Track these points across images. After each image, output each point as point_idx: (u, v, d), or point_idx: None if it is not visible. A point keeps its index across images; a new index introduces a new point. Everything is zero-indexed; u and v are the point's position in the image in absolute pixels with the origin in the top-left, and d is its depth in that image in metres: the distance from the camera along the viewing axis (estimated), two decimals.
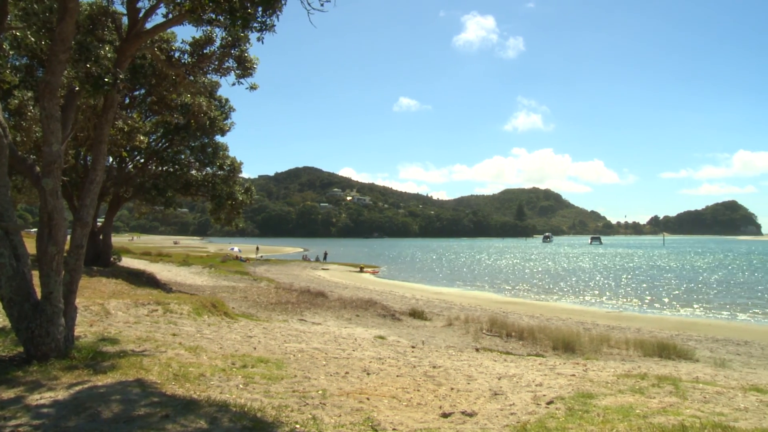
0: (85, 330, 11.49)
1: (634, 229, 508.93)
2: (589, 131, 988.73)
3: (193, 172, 32.26)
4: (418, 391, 8.65)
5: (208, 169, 32.44)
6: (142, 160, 32.01)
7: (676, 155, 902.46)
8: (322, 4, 9.36)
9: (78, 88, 10.37)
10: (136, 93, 27.02)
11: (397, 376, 9.69)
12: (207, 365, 9.04)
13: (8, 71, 14.73)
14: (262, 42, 10.16)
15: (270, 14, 9.59)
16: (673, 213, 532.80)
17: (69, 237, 9.53)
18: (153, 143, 30.89)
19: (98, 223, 33.66)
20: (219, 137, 32.32)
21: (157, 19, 10.65)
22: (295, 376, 8.94)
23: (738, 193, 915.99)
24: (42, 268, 8.70)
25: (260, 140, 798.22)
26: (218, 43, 12.64)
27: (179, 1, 9.99)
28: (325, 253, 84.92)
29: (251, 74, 12.90)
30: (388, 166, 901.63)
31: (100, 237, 31.77)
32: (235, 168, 32.69)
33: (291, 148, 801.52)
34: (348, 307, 24.35)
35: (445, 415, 7.32)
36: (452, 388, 8.93)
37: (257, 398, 7.27)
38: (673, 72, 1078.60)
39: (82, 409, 6.23)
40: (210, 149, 31.92)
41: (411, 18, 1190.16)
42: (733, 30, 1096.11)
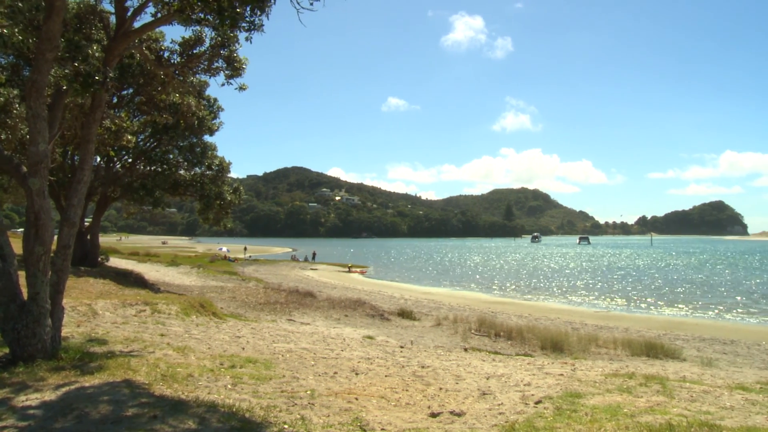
0: (73, 330, 11.43)
1: (622, 229, 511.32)
2: (577, 131, 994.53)
3: (182, 171, 32.14)
4: (407, 391, 8.66)
5: (197, 168, 32.33)
6: (130, 160, 31.86)
7: (664, 155, 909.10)
8: (311, 3, 9.36)
9: (66, 87, 10.30)
10: (124, 92, 26.89)
11: (386, 376, 9.69)
12: (195, 366, 9.01)
13: None
14: (251, 41, 10.16)
15: (259, 14, 9.58)
16: (660, 213, 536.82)
17: (56, 237, 9.48)
18: (141, 143, 30.75)
19: (86, 223, 33.47)
20: (207, 137, 32.24)
21: (146, 18, 10.60)
22: (284, 377, 8.93)
23: (725, 193, 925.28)
24: (28, 268, 8.64)
25: (249, 140, 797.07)
26: (208, 44, 12.61)
27: (168, 0, 9.95)
28: (314, 253, 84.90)
29: (240, 75, 12.88)
30: (376, 166, 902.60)
31: (88, 237, 31.59)
32: (224, 168, 32.61)
33: (280, 148, 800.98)
34: (337, 307, 24.34)
35: (434, 415, 7.33)
36: (441, 388, 8.94)
37: (246, 398, 7.25)
38: (660, 72, 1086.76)
39: (70, 410, 6.19)
40: (198, 149, 31.82)
41: (399, 18, 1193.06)
42: (720, 31, 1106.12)
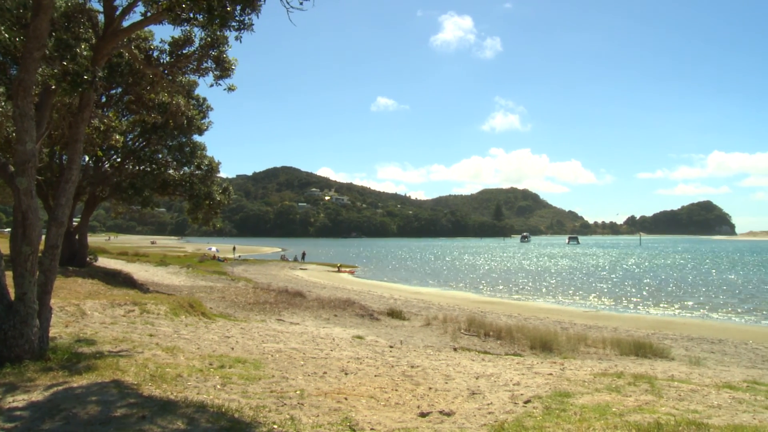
0: (61, 331, 11.38)
1: (611, 229, 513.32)
2: (566, 132, 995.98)
3: (171, 171, 31.95)
4: (396, 390, 8.67)
5: (186, 168, 32.15)
6: (119, 160, 31.65)
7: (653, 156, 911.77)
8: (301, 3, 9.35)
9: (54, 86, 10.24)
10: (113, 92, 26.72)
11: (375, 376, 9.70)
12: (184, 366, 8.99)
13: None
14: (241, 41, 10.15)
15: (249, 13, 9.56)
16: (649, 213, 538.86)
17: (44, 237, 9.42)
18: (130, 142, 30.57)
19: (74, 223, 33.25)
20: (197, 136, 32.05)
21: (135, 17, 10.55)
22: (273, 377, 8.92)
23: (713, 193, 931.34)
24: (16, 268, 8.59)
25: (238, 140, 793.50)
26: (197, 44, 12.56)
27: None
28: (303, 253, 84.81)
29: (230, 75, 12.83)
30: (366, 165, 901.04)
31: (76, 237, 31.39)
32: (213, 167, 32.48)
33: (269, 148, 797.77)
34: (326, 307, 24.32)
35: (423, 415, 7.34)
36: (430, 388, 8.96)
37: (235, 399, 7.24)
38: (649, 73, 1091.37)
39: (58, 411, 6.16)
40: (188, 148, 31.65)
41: (388, 18, 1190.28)
42: (709, 31, 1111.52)
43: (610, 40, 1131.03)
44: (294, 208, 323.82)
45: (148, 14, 10.31)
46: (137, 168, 31.60)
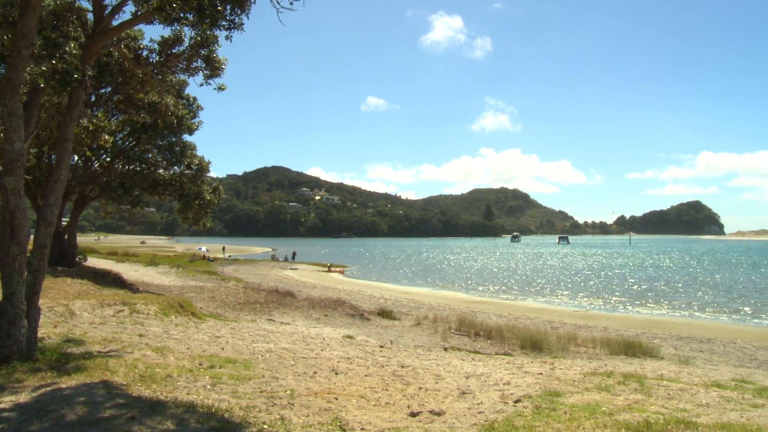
0: (49, 331, 11.31)
1: (601, 228, 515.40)
2: (556, 132, 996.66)
3: (161, 171, 31.82)
4: (387, 390, 8.67)
5: (176, 168, 32.03)
6: (109, 159, 31.50)
7: (642, 156, 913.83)
8: (291, 3, 9.34)
9: (42, 85, 10.18)
10: (102, 91, 26.62)
11: (366, 376, 9.70)
12: (174, 366, 8.96)
13: None
14: (231, 40, 10.12)
15: (239, 13, 9.54)
16: (639, 213, 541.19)
17: (32, 237, 9.37)
18: (119, 142, 30.42)
19: (63, 223, 33.08)
20: (187, 136, 31.91)
21: (125, 16, 10.51)
22: (263, 377, 8.90)
23: (701, 193, 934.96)
24: (4, 268, 8.53)
25: (228, 139, 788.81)
26: (187, 43, 12.52)
27: None
28: (294, 253, 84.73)
29: (220, 75, 12.79)
30: (356, 165, 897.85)
31: (65, 237, 31.23)
32: (203, 167, 32.37)
33: (259, 148, 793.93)
34: (316, 307, 24.30)
35: (414, 415, 7.34)
36: (420, 388, 8.96)
37: (225, 399, 7.22)
38: (638, 73, 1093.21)
39: (46, 412, 6.12)
40: (177, 148, 31.53)
41: (378, 17, 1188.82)
42: (697, 32, 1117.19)
43: (600, 40, 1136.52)
44: (284, 207, 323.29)
45: (138, 13, 10.28)
46: (127, 167, 31.45)
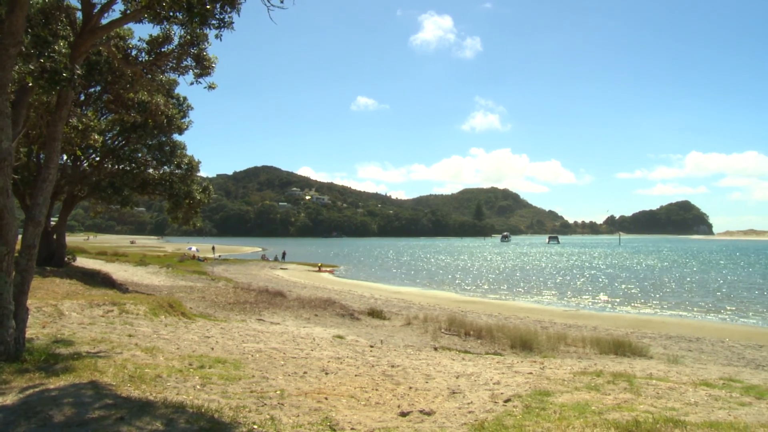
0: (38, 332, 11.23)
1: (591, 228, 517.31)
2: (545, 132, 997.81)
3: (150, 170, 31.76)
4: (377, 390, 8.67)
5: (166, 167, 31.96)
6: (98, 159, 31.38)
7: (631, 156, 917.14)
8: (281, 1, 9.33)
9: (31, 84, 10.12)
10: (91, 90, 26.49)
11: (356, 376, 9.70)
12: (163, 366, 8.92)
13: None
14: (221, 39, 10.10)
15: (229, 11, 9.52)
16: (628, 212, 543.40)
17: (20, 236, 9.31)
18: (109, 141, 30.31)
19: (52, 222, 32.92)
20: (177, 135, 31.85)
21: (114, 14, 10.46)
22: (253, 377, 8.88)
23: (690, 193, 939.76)
24: None
25: (218, 139, 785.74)
26: (176, 42, 12.47)
27: None
28: (284, 253, 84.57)
29: (210, 73, 12.74)
30: (346, 165, 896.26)
31: (54, 236, 31.09)
32: (193, 167, 32.30)
33: (249, 147, 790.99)
34: (307, 307, 24.27)
35: (404, 414, 7.35)
36: (411, 387, 8.97)
37: (214, 399, 7.20)
38: (628, 73, 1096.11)
39: (33, 413, 6.08)
40: (167, 148, 31.46)
41: (368, 17, 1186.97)
42: (687, 32, 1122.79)
43: (590, 40, 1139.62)
44: (274, 207, 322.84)
45: (127, 12, 10.24)
46: (116, 167, 31.36)
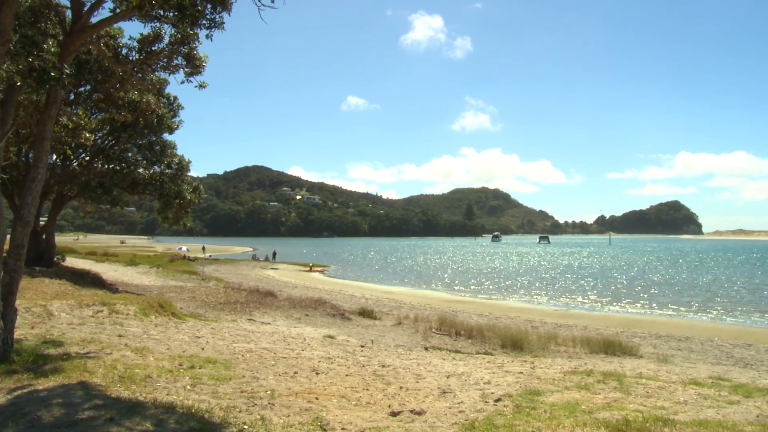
0: (26, 332, 11.18)
1: (582, 228, 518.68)
2: (536, 132, 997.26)
3: (141, 170, 31.64)
4: (367, 390, 8.68)
5: (156, 167, 31.84)
6: (88, 158, 31.24)
7: (621, 156, 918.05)
8: (272, 1, 9.32)
9: (19, 83, 10.06)
10: (81, 89, 26.37)
11: (347, 376, 9.70)
12: (154, 366, 8.90)
13: None
14: (211, 39, 10.08)
15: (220, 11, 9.50)
16: (618, 212, 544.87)
17: (9, 236, 9.26)
18: (99, 141, 30.17)
19: (41, 222, 32.75)
20: (167, 135, 31.75)
21: (104, 13, 10.42)
22: (244, 377, 8.87)
23: (680, 193, 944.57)
24: None
25: (209, 138, 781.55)
26: (167, 41, 12.42)
27: None
28: (275, 253, 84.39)
29: (200, 72, 12.70)
30: (337, 165, 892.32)
31: (43, 236, 30.92)
32: (184, 166, 32.20)
33: (240, 147, 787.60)
34: (297, 307, 24.24)
35: (394, 414, 7.35)
36: (401, 387, 8.98)
37: (205, 399, 7.19)
38: (617, 73, 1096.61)
39: (21, 414, 6.05)
40: (158, 147, 31.35)
41: (358, 17, 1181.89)
42: (676, 33, 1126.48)
43: (580, 40, 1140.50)
44: (265, 207, 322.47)
45: (117, 11, 10.19)
46: (106, 167, 31.22)
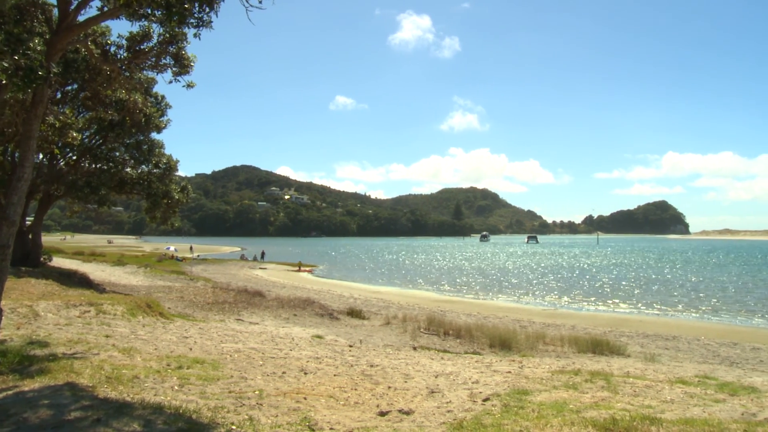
0: (12, 333, 11.09)
1: (570, 228, 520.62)
2: (524, 131, 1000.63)
3: (128, 169, 31.48)
4: (356, 390, 8.68)
5: (144, 166, 31.69)
6: (75, 157, 31.06)
7: (609, 156, 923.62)
8: (260, 1, 9.32)
9: (5, 82, 9.99)
10: (69, 88, 26.20)
11: (335, 376, 9.70)
12: (141, 367, 8.86)
13: None
14: (199, 38, 10.06)
15: (207, 10, 9.47)
16: (606, 212, 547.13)
17: None
18: (86, 140, 30.00)
19: (27, 222, 32.52)
20: (155, 134, 31.62)
21: (91, 11, 10.35)
22: (232, 377, 8.85)
23: (667, 193, 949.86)
24: None
25: (197, 138, 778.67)
26: (155, 40, 12.39)
27: None
28: (263, 253, 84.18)
29: (188, 72, 12.69)
30: (325, 164, 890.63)
31: (29, 236, 30.70)
32: (171, 166, 32.05)
33: (228, 146, 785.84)
34: (286, 307, 24.19)
35: (383, 414, 7.36)
36: (389, 387, 8.99)
37: (193, 399, 7.17)
38: (605, 74, 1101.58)
39: (7, 416, 6.01)
40: (145, 146, 31.20)
41: (346, 16, 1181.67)
42: (664, 33, 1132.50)
43: (568, 41, 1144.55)
44: (254, 207, 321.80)
45: (104, 9, 10.14)
46: (93, 166, 31.04)
